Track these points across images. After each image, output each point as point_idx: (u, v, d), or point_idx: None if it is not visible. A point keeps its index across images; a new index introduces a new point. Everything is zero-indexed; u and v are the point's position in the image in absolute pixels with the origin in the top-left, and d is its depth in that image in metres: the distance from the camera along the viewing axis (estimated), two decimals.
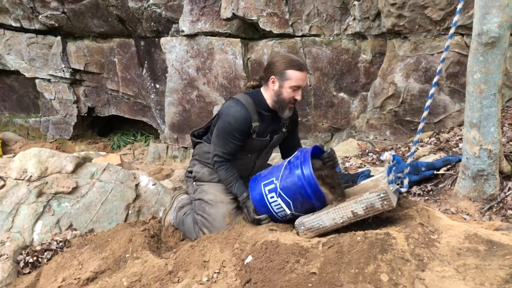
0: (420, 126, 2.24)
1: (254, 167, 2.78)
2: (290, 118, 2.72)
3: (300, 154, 2.33)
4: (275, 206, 2.31)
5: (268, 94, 2.57)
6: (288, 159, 2.39)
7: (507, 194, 2.66)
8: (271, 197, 2.31)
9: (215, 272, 2.00)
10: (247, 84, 2.92)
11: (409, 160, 2.28)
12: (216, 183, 2.72)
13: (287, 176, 2.27)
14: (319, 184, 2.20)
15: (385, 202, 2.06)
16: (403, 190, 2.21)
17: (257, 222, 2.38)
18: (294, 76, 2.44)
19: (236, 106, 2.52)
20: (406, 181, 2.23)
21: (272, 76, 2.50)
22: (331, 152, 2.49)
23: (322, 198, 2.21)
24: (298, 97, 2.50)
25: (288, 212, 2.29)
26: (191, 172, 2.86)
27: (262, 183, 2.36)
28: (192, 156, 2.92)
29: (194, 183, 2.82)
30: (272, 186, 2.31)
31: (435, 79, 2.22)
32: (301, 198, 2.23)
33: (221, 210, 2.59)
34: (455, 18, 2.19)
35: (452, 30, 2.18)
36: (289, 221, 2.34)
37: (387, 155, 2.21)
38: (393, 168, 2.21)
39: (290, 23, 5.71)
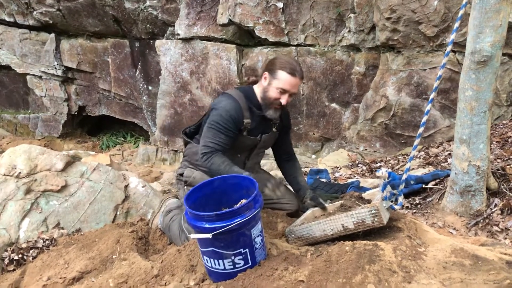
0: (416, 142, 2.26)
1: (245, 168, 2.67)
2: (281, 122, 2.69)
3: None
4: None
5: (259, 89, 2.55)
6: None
7: (493, 210, 2.70)
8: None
9: (202, 277, 2.00)
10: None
11: (404, 177, 2.29)
12: None
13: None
14: None
15: (375, 219, 2.08)
16: (396, 207, 2.22)
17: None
18: (283, 77, 2.39)
19: (227, 100, 2.47)
20: (400, 199, 2.23)
21: (266, 72, 2.48)
22: None
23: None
24: (283, 101, 2.44)
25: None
26: (181, 175, 2.77)
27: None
28: (183, 157, 2.83)
29: (185, 187, 2.74)
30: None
31: (432, 96, 2.25)
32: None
33: None
34: (452, 37, 2.23)
35: (448, 48, 2.22)
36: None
37: (383, 172, 2.23)
38: (388, 185, 2.22)
39: (285, 32, 5.75)
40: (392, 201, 2.22)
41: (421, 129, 2.26)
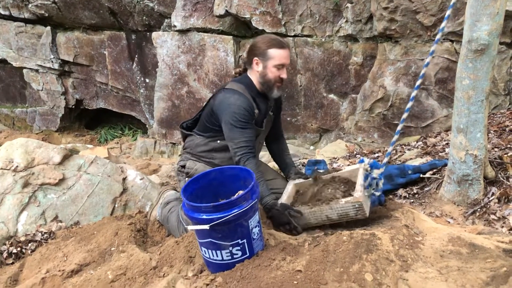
0: (399, 128, 2.28)
1: None
2: (276, 103, 2.73)
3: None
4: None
5: (254, 76, 2.56)
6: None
7: (490, 199, 2.70)
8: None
9: (201, 268, 2.01)
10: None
11: (385, 160, 2.32)
12: None
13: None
14: None
15: (359, 212, 2.17)
16: (377, 194, 2.25)
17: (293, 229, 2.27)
18: (276, 54, 2.44)
19: (234, 95, 2.48)
20: (380, 183, 2.25)
21: (255, 58, 2.49)
22: None
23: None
24: (284, 75, 2.49)
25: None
26: (183, 167, 2.75)
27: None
28: (183, 149, 2.83)
29: (186, 179, 2.72)
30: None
31: (418, 82, 2.27)
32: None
33: None
34: (443, 24, 2.22)
35: (438, 36, 2.22)
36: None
37: (365, 164, 2.28)
38: (370, 176, 2.27)
39: (282, 22, 5.72)
40: (373, 189, 2.26)
41: (405, 115, 2.30)
